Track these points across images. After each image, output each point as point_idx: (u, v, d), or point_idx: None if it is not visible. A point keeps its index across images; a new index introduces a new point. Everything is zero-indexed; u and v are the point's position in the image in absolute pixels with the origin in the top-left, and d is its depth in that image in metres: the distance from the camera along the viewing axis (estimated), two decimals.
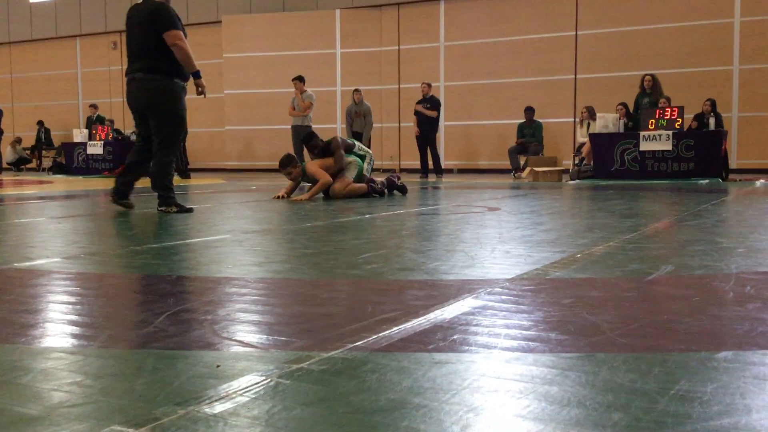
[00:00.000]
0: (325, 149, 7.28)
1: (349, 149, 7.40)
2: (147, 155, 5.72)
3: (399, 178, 7.70)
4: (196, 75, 5.69)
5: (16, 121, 21.44)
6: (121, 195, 5.71)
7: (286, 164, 7.21)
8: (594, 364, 1.49)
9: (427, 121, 13.01)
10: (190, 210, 5.59)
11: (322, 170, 7.04)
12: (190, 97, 5.88)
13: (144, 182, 5.93)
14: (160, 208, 5.56)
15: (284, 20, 17.27)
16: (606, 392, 1.31)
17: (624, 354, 1.56)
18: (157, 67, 5.52)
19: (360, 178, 7.27)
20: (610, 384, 1.36)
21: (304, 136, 7.46)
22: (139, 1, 5.69)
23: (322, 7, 17.16)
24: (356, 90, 13.44)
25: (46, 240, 3.88)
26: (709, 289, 2.34)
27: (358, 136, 12.98)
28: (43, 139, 19.88)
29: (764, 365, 1.47)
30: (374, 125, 14.03)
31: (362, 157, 7.47)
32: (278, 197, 7.07)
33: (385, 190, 7.37)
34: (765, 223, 4.36)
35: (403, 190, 7.57)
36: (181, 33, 5.52)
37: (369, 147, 12.84)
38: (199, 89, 5.81)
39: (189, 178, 13.36)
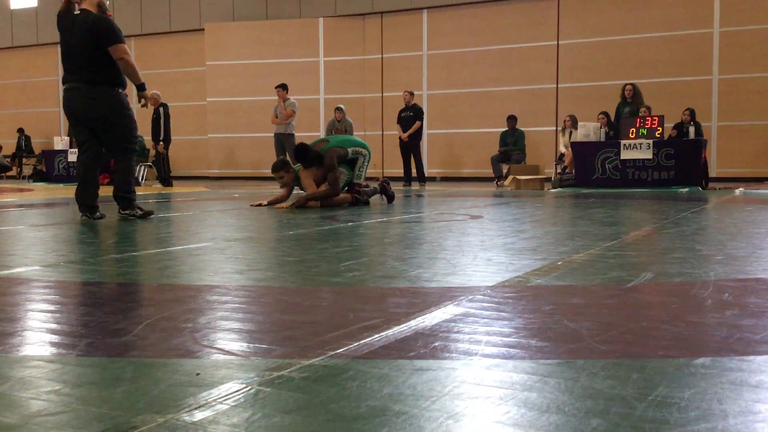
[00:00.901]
0: (318, 160, 7.05)
1: (342, 159, 7.19)
2: (92, 162, 5.73)
3: (389, 186, 7.68)
4: (141, 87, 5.82)
5: None
6: (90, 210, 5.62)
7: (279, 168, 7.09)
8: (573, 371, 1.50)
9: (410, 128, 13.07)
10: (150, 213, 5.75)
11: (314, 185, 6.97)
12: (171, 105, 5.90)
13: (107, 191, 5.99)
14: (123, 212, 5.66)
15: (267, 28, 17.27)
16: (585, 398, 1.32)
17: (603, 360, 1.58)
18: (97, 79, 5.58)
19: (348, 184, 7.23)
20: (589, 390, 1.37)
21: (295, 151, 7.25)
22: (76, 12, 5.66)
23: (306, 15, 17.18)
24: (338, 108, 13.19)
25: (25, 248, 3.84)
26: (687, 296, 2.36)
27: None
28: (24, 147, 19.72)
29: (741, 371, 1.49)
30: (357, 134, 14.03)
31: (354, 161, 7.29)
32: (258, 204, 7.03)
33: (369, 200, 7.36)
34: (743, 231, 4.41)
35: (391, 198, 7.54)
36: (126, 47, 5.63)
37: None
38: (142, 102, 5.96)
39: (171, 186, 13.30)
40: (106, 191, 6.08)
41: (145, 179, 14.24)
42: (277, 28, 17.19)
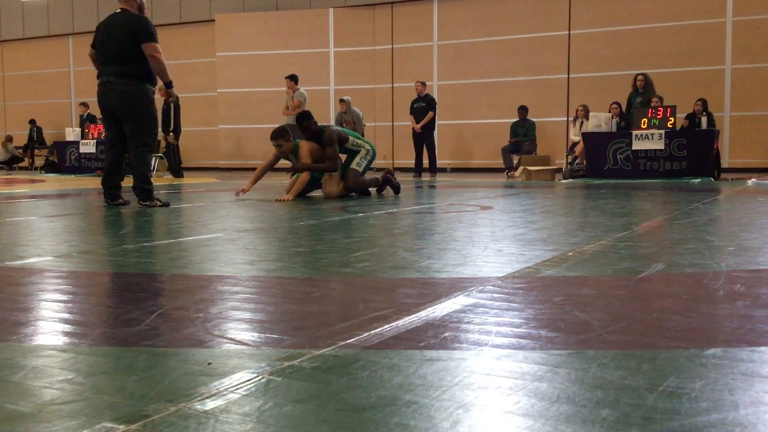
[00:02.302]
0: (317, 134, 7.05)
1: (343, 143, 7.19)
2: (119, 154, 6.20)
3: (394, 176, 7.66)
4: (169, 85, 6.23)
5: (8, 119, 21.39)
6: (113, 198, 6.11)
7: (279, 136, 6.95)
8: (584, 361, 1.50)
9: (423, 119, 13.07)
10: (167, 204, 6.01)
11: (309, 159, 6.95)
12: (181, 96, 6.12)
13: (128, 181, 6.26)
14: (143, 203, 5.96)
15: (277, 19, 17.26)
16: (595, 389, 1.32)
17: (613, 351, 1.57)
18: (130, 73, 5.93)
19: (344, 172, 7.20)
20: (600, 380, 1.37)
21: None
22: (116, 10, 6.06)
23: (316, 6, 17.15)
24: (341, 100, 13.20)
25: (38, 238, 3.87)
26: (699, 286, 2.35)
27: None
28: (36, 138, 19.81)
29: (752, 362, 1.49)
30: (367, 125, 14.01)
31: (354, 152, 7.27)
32: (282, 200, 6.71)
33: (368, 189, 7.35)
34: (756, 222, 4.39)
35: (396, 189, 7.53)
36: (157, 45, 5.95)
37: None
38: (170, 99, 6.52)
39: (182, 177, 13.35)
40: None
41: (156, 170, 14.31)
42: (287, 19, 17.17)
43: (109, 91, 5.97)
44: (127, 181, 6.23)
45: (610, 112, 11.58)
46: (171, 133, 13.08)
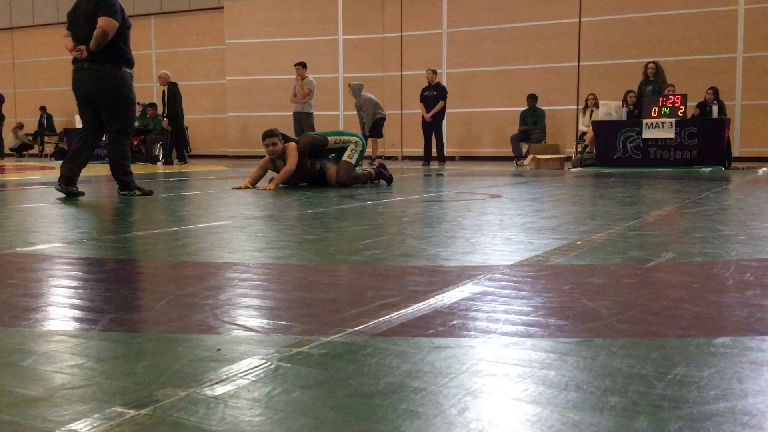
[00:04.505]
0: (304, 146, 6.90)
1: (321, 148, 6.99)
2: (91, 142, 5.96)
3: (386, 168, 7.48)
4: (90, 51, 5.64)
5: (18, 106, 21.43)
6: (67, 182, 5.75)
7: (274, 134, 6.79)
8: (592, 349, 1.50)
9: (433, 108, 13.05)
10: (150, 192, 5.88)
11: (294, 154, 6.72)
12: (190, 84, 5.99)
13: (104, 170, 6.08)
14: (121, 193, 5.82)
15: (286, 6, 17.20)
16: (604, 377, 1.32)
17: (622, 339, 1.57)
18: (105, 57, 5.68)
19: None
20: (608, 368, 1.37)
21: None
22: None
23: None
24: (349, 85, 13.34)
25: (48, 225, 3.89)
26: (708, 275, 2.34)
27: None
28: (46, 125, 19.87)
29: (762, 351, 1.48)
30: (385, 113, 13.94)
31: (342, 149, 7.07)
32: (240, 188, 6.67)
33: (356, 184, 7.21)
34: (766, 211, 4.36)
35: (389, 180, 7.38)
36: (114, 23, 5.61)
37: (368, 134, 12.79)
38: (74, 51, 5.74)
39: (185, 163, 13.51)
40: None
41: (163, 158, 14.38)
42: (297, 6, 17.12)
43: (85, 77, 5.75)
44: (101, 170, 6.07)
45: (626, 100, 11.47)
46: (164, 119, 13.37)
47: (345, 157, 7.05)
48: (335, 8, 16.89)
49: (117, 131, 5.83)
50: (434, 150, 13.33)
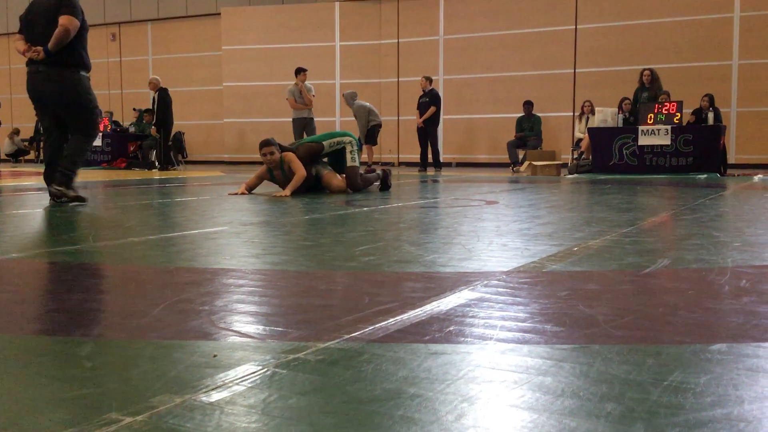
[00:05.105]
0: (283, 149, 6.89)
1: (318, 153, 6.99)
2: (60, 144, 5.72)
3: (390, 174, 7.47)
4: (47, 52, 5.48)
5: (14, 112, 21.40)
6: (59, 196, 5.58)
7: (272, 144, 6.74)
8: (588, 356, 1.50)
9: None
10: (84, 200, 5.59)
11: (299, 162, 6.70)
12: (187, 90, 5.92)
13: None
14: (58, 187, 5.50)
15: (283, 12, 17.23)
16: (600, 383, 1.32)
17: (618, 345, 1.57)
18: (61, 59, 5.52)
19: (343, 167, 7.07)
20: (604, 375, 1.37)
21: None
22: None
23: (321, 0, 17.12)
24: (342, 94, 13.35)
25: (43, 231, 3.88)
26: (704, 282, 2.35)
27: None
28: (42, 131, 19.83)
29: (758, 357, 1.48)
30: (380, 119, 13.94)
31: (341, 151, 7.07)
32: (236, 193, 6.68)
33: (366, 188, 7.22)
34: (762, 218, 4.37)
35: (388, 187, 7.30)
36: (76, 22, 5.49)
37: (363, 141, 12.82)
38: (28, 53, 5.59)
39: (173, 168, 13.53)
40: (120, 175, 6.10)
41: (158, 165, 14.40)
42: (293, 13, 17.15)
43: (41, 81, 5.55)
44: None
45: (621, 107, 11.51)
46: (153, 126, 13.46)
47: (348, 162, 7.02)
48: (332, 15, 16.92)
49: (80, 133, 5.64)
50: (430, 156, 13.35)
